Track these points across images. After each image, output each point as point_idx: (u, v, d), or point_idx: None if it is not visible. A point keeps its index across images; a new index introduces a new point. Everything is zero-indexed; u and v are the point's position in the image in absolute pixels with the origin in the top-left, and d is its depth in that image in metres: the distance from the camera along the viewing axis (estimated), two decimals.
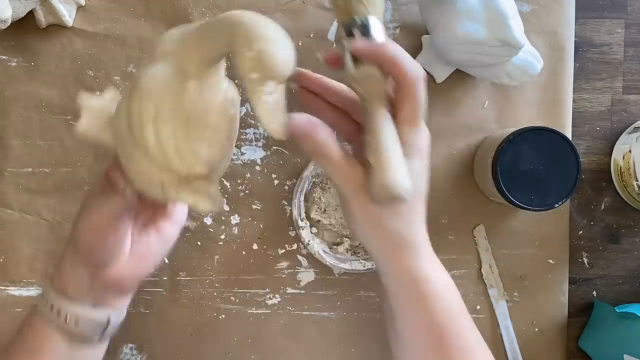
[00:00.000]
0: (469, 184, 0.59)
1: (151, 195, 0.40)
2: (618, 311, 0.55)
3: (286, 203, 0.59)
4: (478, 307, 0.59)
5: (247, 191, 0.59)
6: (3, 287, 0.58)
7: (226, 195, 0.58)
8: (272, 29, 0.37)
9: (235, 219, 0.59)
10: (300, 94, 0.45)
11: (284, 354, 0.59)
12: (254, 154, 0.59)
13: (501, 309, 0.59)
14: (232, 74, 0.42)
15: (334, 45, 0.58)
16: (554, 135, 0.52)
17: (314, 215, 0.58)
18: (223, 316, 0.59)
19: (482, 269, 0.59)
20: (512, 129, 0.54)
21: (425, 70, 0.58)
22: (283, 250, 0.59)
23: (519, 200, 0.52)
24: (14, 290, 0.58)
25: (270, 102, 0.37)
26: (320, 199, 0.58)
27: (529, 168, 0.52)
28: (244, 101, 0.58)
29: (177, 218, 0.49)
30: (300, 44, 0.58)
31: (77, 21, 0.57)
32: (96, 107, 0.43)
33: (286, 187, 0.58)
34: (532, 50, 0.54)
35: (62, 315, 0.44)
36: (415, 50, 0.58)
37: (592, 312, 0.59)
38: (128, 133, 0.39)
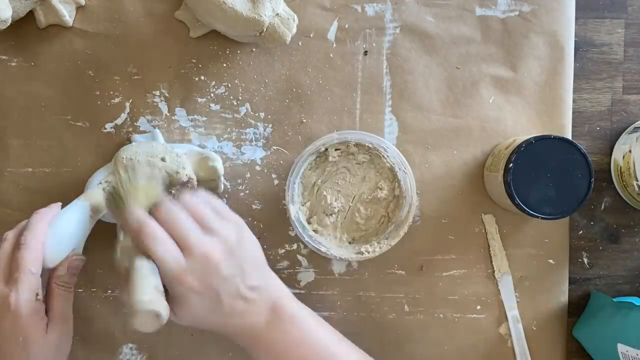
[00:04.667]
0: (469, 185, 0.59)
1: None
2: (615, 301, 0.55)
3: (286, 203, 0.59)
4: (478, 307, 0.59)
5: (247, 191, 0.59)
6: None
7: (226, 195, 0.58)
8: None
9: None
10: None
11: None
12: (254, 154, 0.59)
13: (506, 284, 0.59)
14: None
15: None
16: (563, 142, 0.52)
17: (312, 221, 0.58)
18: None
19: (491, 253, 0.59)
20: (521, 137, 0.54)
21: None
22: (283, 250, 0.59)
23: (533, 209, 0.52)
24: None
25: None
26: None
27: (540, 176, 0.52)
28: (243, 101, 0.58)
29: None
30: (300, 44, 0.58)
31: (77, 21, 0.57)
32: None
33: (286, 188, 0.58)
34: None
35: None
36: (414, 50, 0.58)
37: (589, 302, 0.59)
38: None
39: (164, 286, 0.45)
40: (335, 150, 0.57)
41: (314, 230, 0.57)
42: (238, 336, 0.47)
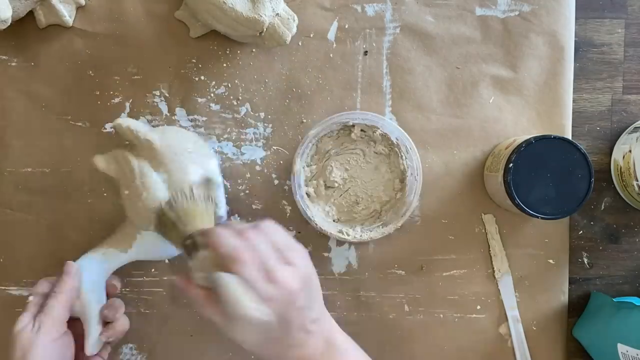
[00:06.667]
0: (469, 185, 0.59)
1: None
2: (615, 301, 0.55)
3: (286, 203, 0.59)
4: (478, 307, 0.59)
5: (247, 191, 0.59)
6: (3, 287, 0.58)
7: (226, 195, 0.58)
8: None
9: (235, 219, 0.59)
10: None
11: None
12: (254, 154, 0.59)
13: (506, 284, 0.59)
14: None
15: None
16: (563, 142, 0.52)
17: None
18: None
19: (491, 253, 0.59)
20: (521, 137, 0.54)
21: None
22: None
23: (533, 209, 0.52)
24: (14, 290, 0.58)
25: None
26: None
27: (540, 176, 0.52)
28: (243, 101, 0.58)
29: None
30: (300, 44, 0.58)
31: (77, 21, 0.57)
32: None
33: (286, 187, 0.59)
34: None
35: None
36: (414, 50, 0.58)
37: (589, 302, 0.59)
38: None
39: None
40: (361, 130, 0.57)
41: (306, 194, 0.57)
42: None
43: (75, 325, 0.51)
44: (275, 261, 0.45)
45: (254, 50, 0.58)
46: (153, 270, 0.58)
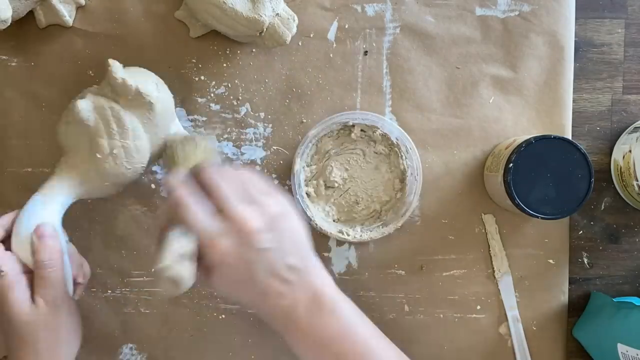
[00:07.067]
0: (469, 185, 0.59)
1: None
2: (615, 301, 0.55)
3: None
4: (478, 307, 0.59)
5: None
6: None
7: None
8: None
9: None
10: None
11: (284, 354, 0.59)
12: (254, 154, 0.59)
13: (506, 284, 0.59)
14: None
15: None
16: (563, 142, 0.52)
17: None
18: (223, 316, 0.59)
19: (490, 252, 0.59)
20: (521, 137, 0.54)
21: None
22: None
23: (533, 209, 0.52)
24: None
25: None
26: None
27: (540, 176, 0.52)
28: (243, 101, 0.58)
29: None
30: (300, 44, 0.58)
31: (77, 21, 0.57)
32: None
33: (286, 187, 0.59)
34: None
35: None
36: (414, 50, 0.58)
37: (589, 302, 0.59)
38: None
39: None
40: (361, 130, 0.57)
41: (306, 194, 0.57)
42: (273, 318, 0.44)
43: None
44: (233, 200, 0.42)
45: (254, 50, 0.58)
46: (153, 270, 0.58)
